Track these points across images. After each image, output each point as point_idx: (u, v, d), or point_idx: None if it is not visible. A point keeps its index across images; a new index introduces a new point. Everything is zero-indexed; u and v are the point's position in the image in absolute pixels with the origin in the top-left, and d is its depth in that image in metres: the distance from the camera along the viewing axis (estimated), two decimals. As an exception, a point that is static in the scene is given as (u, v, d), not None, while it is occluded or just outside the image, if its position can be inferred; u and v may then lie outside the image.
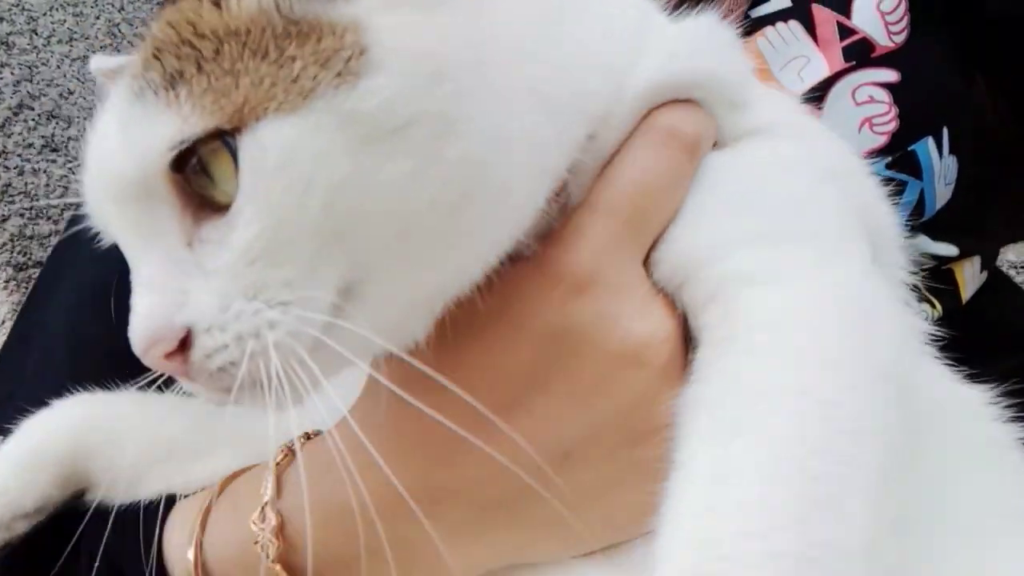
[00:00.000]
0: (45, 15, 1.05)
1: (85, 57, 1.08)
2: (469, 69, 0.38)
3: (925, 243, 0.68)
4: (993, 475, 0.47)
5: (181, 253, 0.37)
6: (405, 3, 0.38)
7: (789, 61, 0.65)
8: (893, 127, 0.64)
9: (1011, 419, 0.48)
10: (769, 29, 0.66)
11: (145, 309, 0.37)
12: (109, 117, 0.40)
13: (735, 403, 0.38)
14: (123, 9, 1.15)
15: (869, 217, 0.47)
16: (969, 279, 0.75)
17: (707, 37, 0.47)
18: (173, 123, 0.36)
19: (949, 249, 0.70)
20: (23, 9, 1.02)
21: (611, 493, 0.44)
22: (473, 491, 0.44)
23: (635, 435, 0.43)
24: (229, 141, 0.36)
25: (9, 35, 1.00)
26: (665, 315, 0.43)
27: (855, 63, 0.64)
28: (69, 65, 1.06)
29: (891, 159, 0.63)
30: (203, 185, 0.37)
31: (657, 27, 0.47)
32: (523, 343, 0.43)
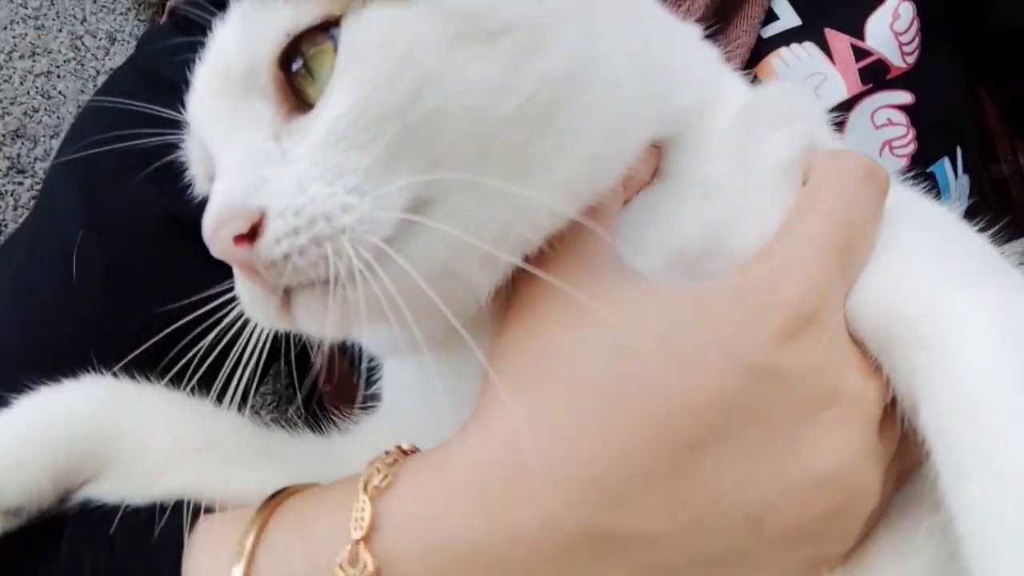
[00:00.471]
0: (5, 29, 1.00)
1: (49, 73, 1.03)
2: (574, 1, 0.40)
3: None
4: None
5: (268, 144, 0.38)
6: None
7: (806, 78, 0.65)
8: (912, 149, 0.64)
9: None
10: (784, 50, 0.65)
11: (223, 190, 0.37)
12: (232, 19, 0.42)
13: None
14: (85, 21, 1.10)
15: None
16: None
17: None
18: (287, 15, 0.38)
19: None
20: (-18, 24, 0.97)
21: (792, 562, 0.39)
22: (644, 550, 0.37)
23: (832, 513, 0.38)
24: (334, 33, 0.37)
25: (-32, 51, 0.95)
26: (870, 372, 0.39)
27: (872, 85, 0.64)
28: (32, 81, 1.01)
29: (912, 182, 0.64)
30: (303, 83, 0.38)
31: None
32: (720, 375, 0.37)
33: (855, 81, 0.64)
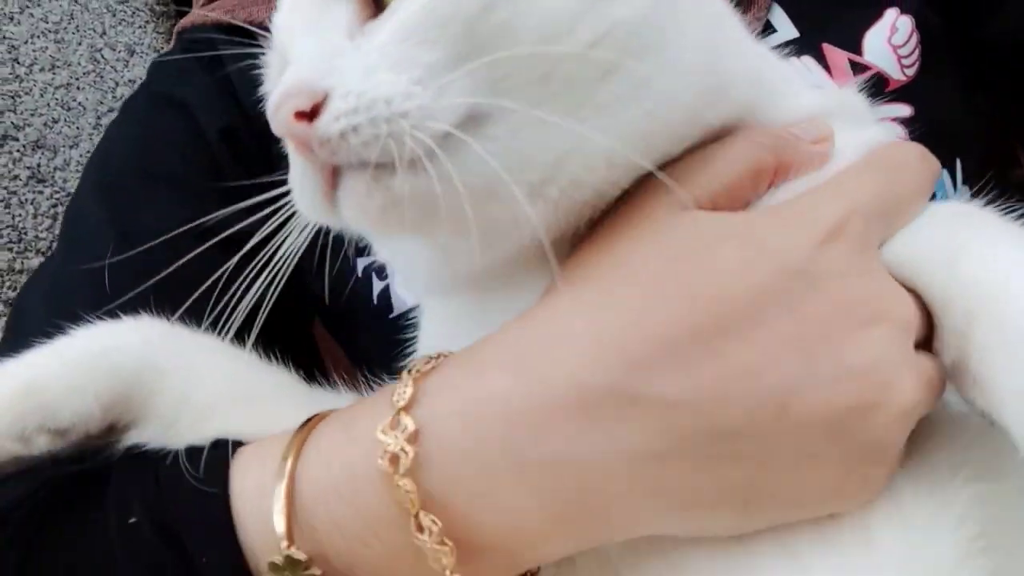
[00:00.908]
0: (26, 43, 1.02)
1: (68, 85, 1.06)
2: None
3: None
4: None
5: (343, 41, 0.40)
6: None
7: None
8: None
9: None
10: None
11: (293, 71, 0.40)
12: None
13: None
14: (105, 34, 1.12)
15: None
16: None
17: None
18: None
19: None
20: (3, 38, 1.00)
21: (812, 468, 0.40)
22: (665, 414, 0.39)
23: (859, 407, 0.39)
24: None
25: (-9, 64, 0.97)
26: (906, 293, 0.42)
27: (870, 99, 0.65)
28: (52, 93, 1.03)
29: None
30: None
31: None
32: (759, 267, 0.40)
33: (853, 94, 0.65)
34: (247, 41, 0.70)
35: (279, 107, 0.38)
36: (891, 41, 0.66)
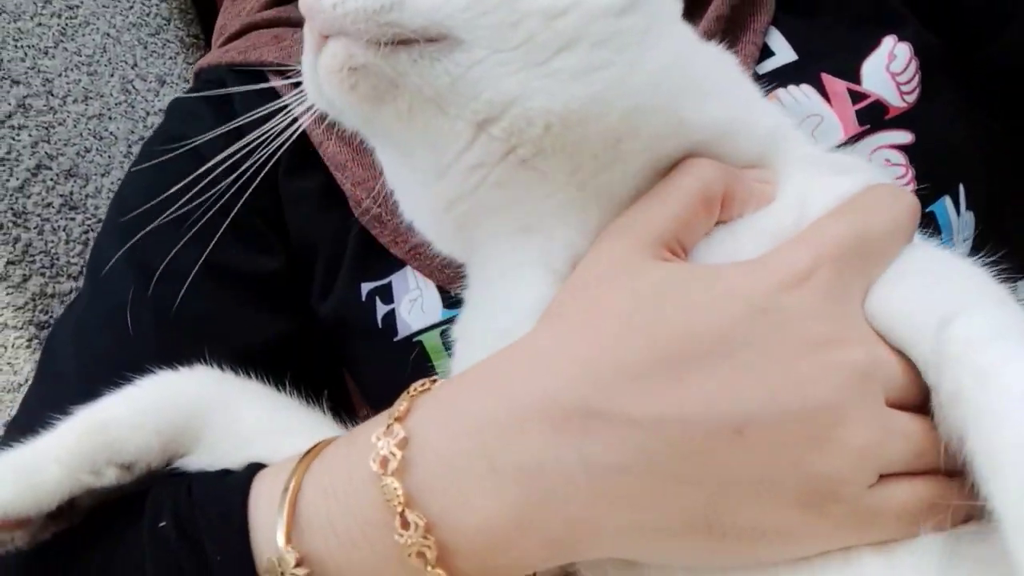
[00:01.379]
0: (60, 76, 1.06)
1: (100, 115, 1.09)
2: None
3: None
4: None
5: None
6: None
7: (803, 120, 0.66)
8: (911, 189, 0.65)
9: None
10: (781, 91, 0.67)
11: None
12: None
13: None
14: (136, 66, 1.16)
15: None
16: None
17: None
18: None
19: None
20: (39, 71, 1.03)
21: (769, 497, 0.42)
22: (628, 431, 0.42)
23: (814, 439, 0.42)
24: None
25: (26, 98, 1.01)
26: (887, 351, 0.44)
27: (870, 126, 0.66)
28: (85, 124, 1.07)
29: None
30: None
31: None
32: (725, 307, 0.44)
33: (852, 123, 0.66)
34: (256, 83, 0.73)
35: None
36: (889, 68, 0.66)
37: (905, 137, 0.66)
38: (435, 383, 0.49)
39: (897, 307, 0.45)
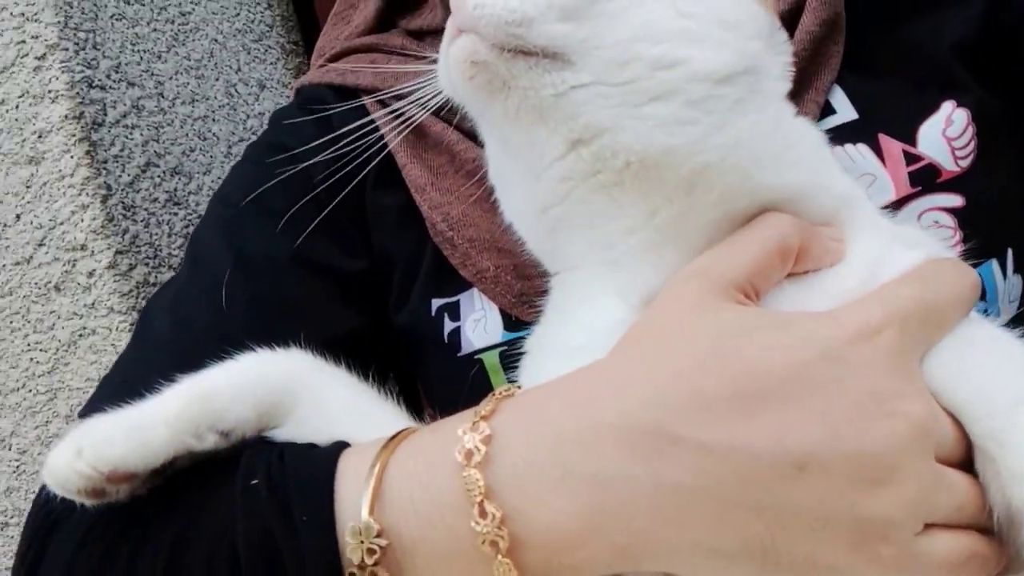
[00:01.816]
0: (171, 79, 1.14)
1: (205, 117, 1.18)
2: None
3: None
4: None
5: None
6: None
7: (857, 178, 0.69)
8: (957, 251, 0.67)
9: None
10: (839, 149, 0.70)
11: None
12: None
13: None
14: (239, 71, 1.24)
15: None
16: None
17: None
18: None
19: None
20: (152, 74, 1.12)
21: (823, 533, 0.45)
22: (698, 456, 0.46)
23: (870, 483, 0.45)
24: None
25: (139, 99, 1.10)
26: (941, 411, 0.48)
27: (921, 188, 0.68)
28: (191, 125, 1.16)
29: None
30: None
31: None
32: (798, 351, 0.48)
33: (904, 184, 0.68)
34: (352, 103, 0.79)
35: None
36: (946, 133, 0.69)
37: (955, 200, 0.68)
38: (519, 389, 0.53)
39: (963, 378, 0.49)
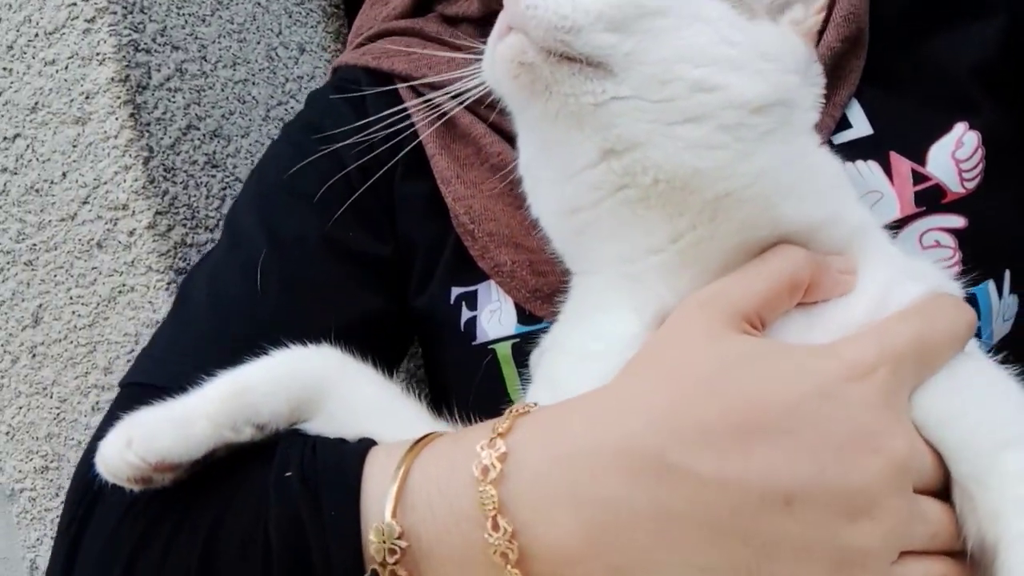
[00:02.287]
0: (214, 43, 1.17)
1: (246, 80, 1.21)
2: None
3: None
4: None
5: None
6: None
7: (864, 195, 0.72)
8: (955, 272, 0.70)
9: None
10: (849, 165, 0.72)
11: None
12: None
13: None
14: (280, 34, 1.27)
15: None
16: None
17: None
18: None
19: None
20: (196, 38, 1.15)
21: (807, 561, 0.49)
22: (695, 485, 0.49)
23: (851, 515, 0.49)
24: None
25: (183, 62, 1.13)
26: (923, 446, 0.52)
27: (925, 208, 0.70)
28: (232, 88, 1.19)
29: None
30: None
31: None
32: (794, 385, 0.51)
33: (910, 203, 0.71)
34: (386, 88, 0.82)
35: None
36: (955, 155, 0.71)
37: (958, 222, 0.71)
38: (535, 407, 0.56)
39: (951, 419, 0.53)
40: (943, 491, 0.53)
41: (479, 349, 0.79)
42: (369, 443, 0.59)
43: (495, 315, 0.79)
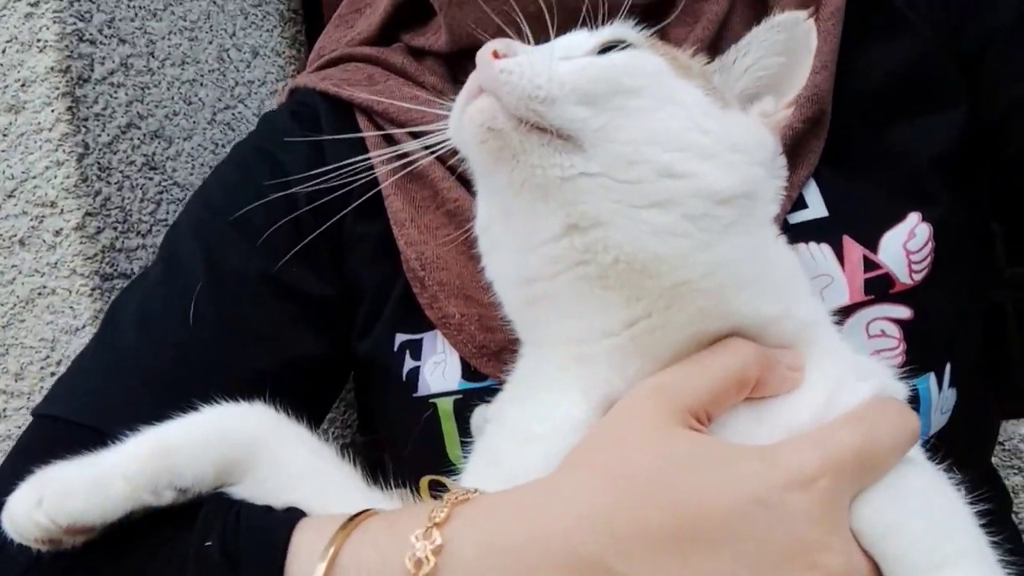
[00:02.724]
0: (164, 39, 1.13)
1: (193, 81, 1.17)
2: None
3: None
4: None
5: (550, 55, 0.56)
6: None
7: (815, 277, 0.72)
8: (899, 362, 0.70)
9: None
10: (802, 246, 0.72)
11: (513, 43, 0.57)
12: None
13: None
14: (234, 35, 1.23)
15: None
16: None
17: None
18: None
19: None
20: (145, 32, 1.11)
21: None
22: None
23: None
24: None
25: (129, 57, 1.08)
26: (863, 559, 0.51)
27: (873, 297, 0.71)
28: (178, 88, 1.15)
29: None
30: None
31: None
32: (736, 493, 0.50)
33: (859, 290, 0.71)
34: (345, 114, 0.79)
35: (490, 48, 0.55)
36: (906, 245, 0.71)
37: (903, 312, 0.71)
38: (475, 494, 0.54)
39: (891, 533, 0.52)
40: None
41: (420, 401, 0.77)
42: (298, 515, 0.56)
43: (439, 368, 0.76)
